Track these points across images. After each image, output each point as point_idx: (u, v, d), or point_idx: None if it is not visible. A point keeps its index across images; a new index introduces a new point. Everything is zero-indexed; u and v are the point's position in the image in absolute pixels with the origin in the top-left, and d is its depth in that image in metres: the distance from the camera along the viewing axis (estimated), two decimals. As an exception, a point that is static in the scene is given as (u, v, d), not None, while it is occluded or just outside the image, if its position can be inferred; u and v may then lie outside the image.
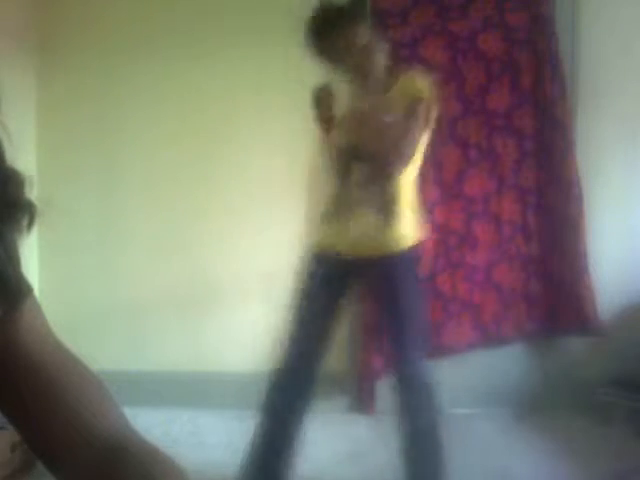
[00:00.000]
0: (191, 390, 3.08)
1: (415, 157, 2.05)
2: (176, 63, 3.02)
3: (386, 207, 2.05)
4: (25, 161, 0.55)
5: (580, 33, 2.91)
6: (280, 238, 2.93)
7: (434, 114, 2.05)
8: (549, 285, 2.97)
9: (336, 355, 2.99)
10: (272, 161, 2.99)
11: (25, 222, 0.53)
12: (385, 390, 2.22)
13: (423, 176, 2.93)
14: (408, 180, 2.08)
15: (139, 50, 3.02)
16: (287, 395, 2.12)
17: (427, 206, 2.94)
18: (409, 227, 2.09)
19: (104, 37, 3.06)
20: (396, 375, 2.12)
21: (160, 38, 3.01)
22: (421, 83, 2.03)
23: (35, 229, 0.54)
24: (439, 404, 2.07)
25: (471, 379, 2.97)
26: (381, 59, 2.04)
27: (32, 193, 0.54)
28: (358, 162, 2.04)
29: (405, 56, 2.85)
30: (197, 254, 3.12)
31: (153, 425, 2.75)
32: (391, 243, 2.06)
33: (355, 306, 2.90)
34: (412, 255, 2.12)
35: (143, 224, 3.13)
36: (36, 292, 0.61)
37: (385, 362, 2.71)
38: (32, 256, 3.04)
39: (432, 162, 2.93)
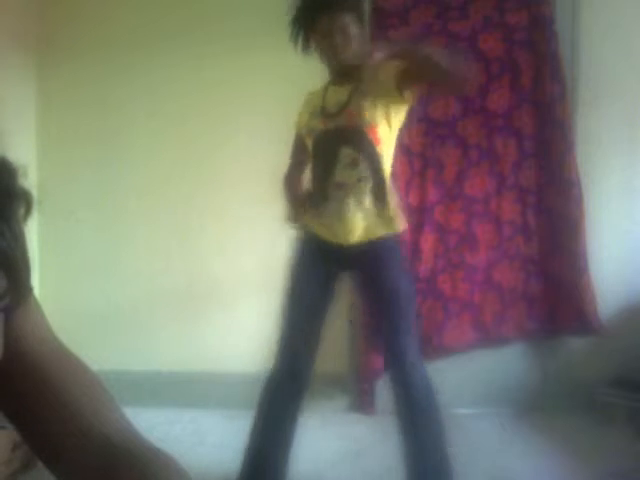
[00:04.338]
0: (192, 390, 3.08)
1: (390, 137, 2.02)
2: (176, 63, 3.02)
3: (378, 189, 2.00)
4: (25, 159, 0.55)
5: (580, 33, 2.91)
6: (280, 238, 2.92)
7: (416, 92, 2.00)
8: (549, 285, 2.97)
9: (336, 355, 3.00)
10: (273, 161, 2.98)
11: (22, 212, 0.53)
12: (385, 390, 2.21)
13: (423, 176, 2.97)
14: (389, 161, 2.04)
15: (139, 50, 3.03)
16: (280, 393, 2.09)
17: (427, 206, 2.96)
18: (396, 210, 2.06)
19: (104, 37, 3.06)
20: (392, 370, 2.05)
21: (160, 38, 3.02)
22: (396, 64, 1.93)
23: (35, 229, 0.54)
24: (437, 400, 2.01)
25: (471, 379, 2.97)
26: (360, 51, 1.97)
27: (27, 182, 0.53)
28: (343, 146, 1.99)
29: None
30: (197, 254, 3.12)
31: (154, 425, 2.75)
32: (382, 227, 2.02)
33: (355, 305, 2.90)
34: (399, 240, 2.08)
35: (143, 224, 3.13)
36: (36, 292, 0.61)
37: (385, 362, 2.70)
38: (32, 256, 3.04)
39: (432, 162, 2.96)
